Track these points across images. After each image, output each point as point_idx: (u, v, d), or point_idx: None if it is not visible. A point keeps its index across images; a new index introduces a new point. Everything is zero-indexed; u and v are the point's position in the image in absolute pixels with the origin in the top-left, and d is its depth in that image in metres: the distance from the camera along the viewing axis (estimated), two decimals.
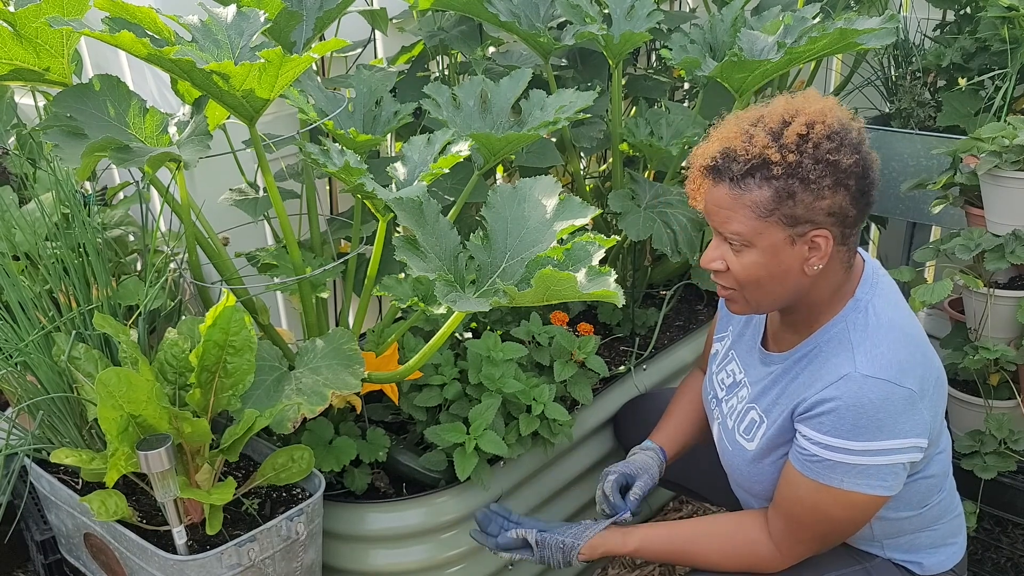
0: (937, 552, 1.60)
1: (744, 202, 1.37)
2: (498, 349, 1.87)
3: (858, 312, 1.45)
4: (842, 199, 1.36)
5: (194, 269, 1.75)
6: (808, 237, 1.38)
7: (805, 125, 1.36)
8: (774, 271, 1.41)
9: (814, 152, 1.34)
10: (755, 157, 1.35)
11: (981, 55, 2.42)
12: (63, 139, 1.48)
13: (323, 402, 1.55)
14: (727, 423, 1.64)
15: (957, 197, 2.16)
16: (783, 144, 1.35)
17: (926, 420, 1.41)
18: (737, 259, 1.42)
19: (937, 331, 2.62)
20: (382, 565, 1.80)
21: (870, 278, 1.49)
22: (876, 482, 1.40)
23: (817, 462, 1.41)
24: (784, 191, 1.35)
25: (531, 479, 1.97)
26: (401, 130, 2.13)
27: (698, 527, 1.66)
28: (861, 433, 1.37)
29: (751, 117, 1.41)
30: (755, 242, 1.39)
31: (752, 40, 2.08)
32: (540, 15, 2.20)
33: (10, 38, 1.46)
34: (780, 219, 1.36)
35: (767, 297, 1.46)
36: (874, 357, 1.39)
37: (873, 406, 1.36)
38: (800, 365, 1.49)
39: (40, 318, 1.59)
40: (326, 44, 1.56)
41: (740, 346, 1.67)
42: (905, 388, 1.38)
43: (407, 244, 1.47)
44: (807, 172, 1.34)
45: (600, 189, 2.63)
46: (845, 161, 1.35)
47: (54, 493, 1.67)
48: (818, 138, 1.35)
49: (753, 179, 1.36)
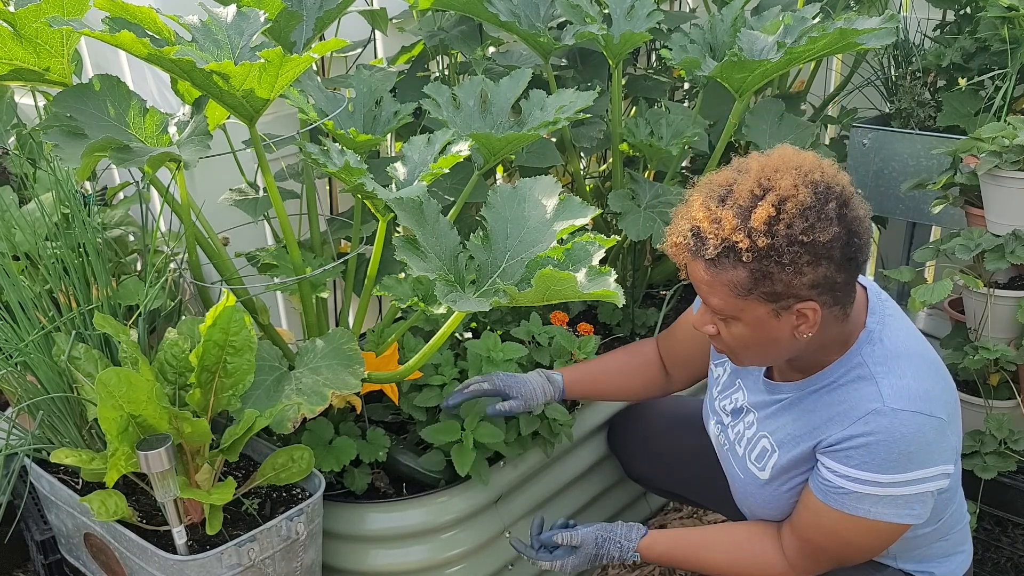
0: (948, 561, 1.59)
1: (721, 280, 1.31)
2: (498, 349, 1.87)
3: (872, 344, 1.41)
4: (825, 270, 1.29)
5: (194, 269, 1.75)
6: (793, 310, 1.32)
7: (774, 205, 1.27)
8: (763, 340, 1.38)
9: (787, 233, 1.26)
10: (724, 241, 1.29)
11: (981, 55, 2.42)
12: (63, 139, 1.48)
13: (323, 402, 1.55)
14: (736, 449, 1.61)
15: (957, 197, 2.16)
16: (752, 228, 1.27)
17: (954, 445, 1.40)
18: (725, 328, 1.39)
19: (937, 331, 2.62)
20: (382, 565, 1.80)
21: (876, 307, 1.45)
22: (904, 511, 1.38)
23: (843, 494, 1.39)
24: (759, 272, 1.28)
25: (531, 479, 1.97)
26: (401, 130, 2.13)
27: (708, 534, 1.65)
28: (892, 467, 1.34)
29: (719, 192, 1.32)
30: (738, 316, 1.35)
31: (752, 40, 2.07)
32: (540, 15, 2.20)
33: (10, 38, 1.46)
34: (760, 296, 1.31)
35: (763, 359, 1.45)
36: (900, 389, 1.36)
37: (905, 440, 1.33)
38: (815, 397, 1.45)
39: (40, 318, 1.59)
40: (326, 44, 1.55)
41: (744, 372, 1.63)
42: (936, 418, 1.35)
43: (407, 244, 1.47)
44: (780, 255, 1.27)
45: (600, 189, 2.63)
46: (822, 238, 1.27)
47: (54, 493, 1.67)
48: (790, 218, 1.26)
49: (727, 259, 1.29)
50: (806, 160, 1.32)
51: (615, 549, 1.62)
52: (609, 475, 2.16)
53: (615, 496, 2.20)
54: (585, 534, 1.63)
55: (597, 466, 2.12)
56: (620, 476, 2.17)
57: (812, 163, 1.32)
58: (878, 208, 2.54)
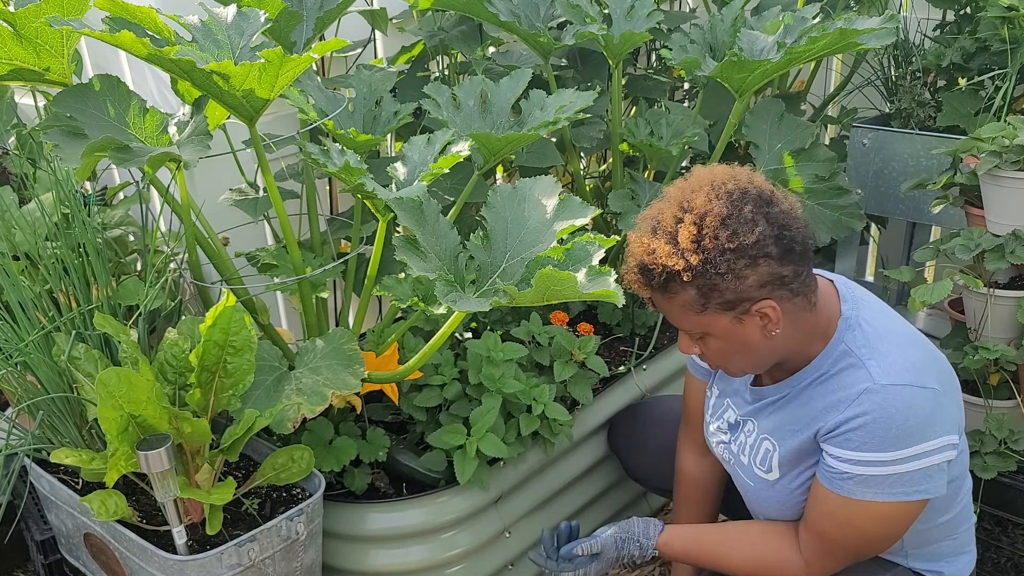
0: (957, 560, 1.59)
1: (677, 304, 1.39)
2: (498, 349, 1.87)
3: (853, 330, 1.44)
4: (766, 268, 1.34)
5: (194, 269, 1.75)
6: (752, 312, 1.37)
7: (695, 223, 1.34)
8: (738, 348, 1.43)
9: (714, 246, 1.33)
10: (664, 268, 1.36)
11: (981, 55, 2.42)
12: (63, 139, 1.48)
13: (323, 402, 1.55)
14: (741, 460, 1.62)
15: (957, 197, 2.16)
16: (682, 249, 1.34)
17: (954, 415, 1.40)
18: (705, 345, 1.45)
19: (937, 331, 2.62)
20: (382, 565, 1.80)
21: (847, 295, 1.48)
22: (911, 488, 1.38)
23: (847, 479, 1.39)
24: (705, 287, 1.35)
25: (531, 479, 1.97)
26: (401, 130, 2.13)
27: (725, 531, 1.66)
28: (892, 443, 1.35)
29: (650, 224, 1.40)
30: (708, 331, 1.41)
31: (752, 40, 2.07)
32: (540, 15, 2.20)
33: (10, 38, 1.46)
34: (716, 308, 1.37)
35: (750, 365, 1.48)
36: (887, 365, 1.38)
37: (901, 414, 1.35)
38: (809, 390, 1.47)
39: (40, 318, 1.59)
40: (326, 44, 1.55)
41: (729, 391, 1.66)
42: (929, 389, 1.37)
43: (407, 244, 1.47)
44: (716, 267, 1.33)
45: (600, 189, 2.63)
46: (748, 239, 1.32)
47: (54, 493, 1.67)
48: (712, 229, 1.33)
49: (675, 283, 1.36)
50: (716, 174, 1.39)
51: (635, 548, 1.64)
52: (609, 475, 2.16)
53: (615, 496, 2.20)
54: (605, 540, 1.63)
55: (597, 466, 2.13)
56: (620, 476, 2.17)
57: (722, 175, 1.39)
58: (878, 208, 2.54)
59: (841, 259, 2.71)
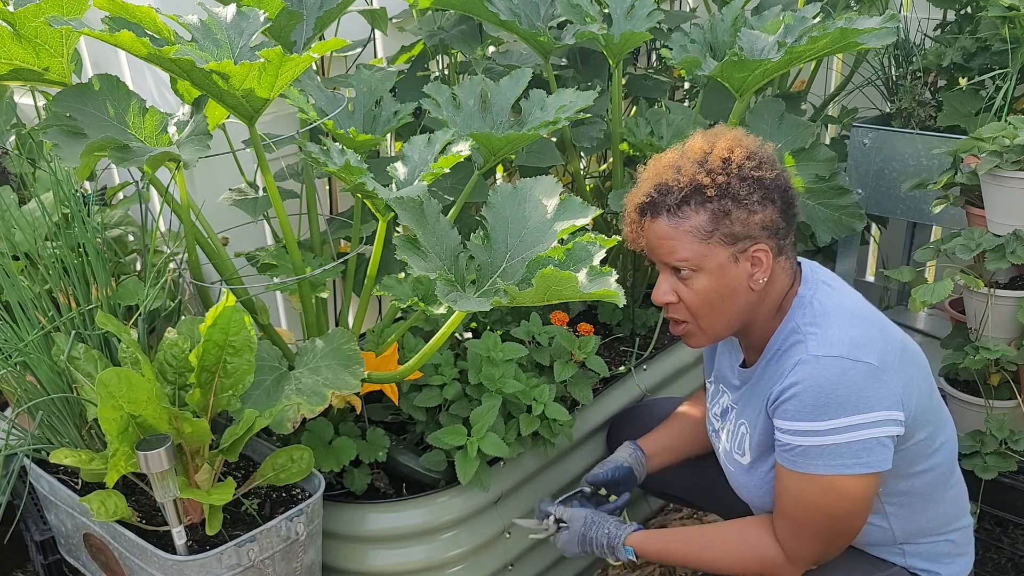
0: (955, 562, 1.59)
1: (684, 228, 1.45)
2: (498, 349, 1.87)
3: (803, 308, 1.50)
4: (772, 213, 1.46)
5: (194, 269, 1.75)
6: (749, 253, 1.46)
7: (726, 150, 1.47)
8: (724, 291, 1.47)
9: (739, 171, 1.45)
10: (687, 185, 1.45)
11: (981, 55, 2.42)
12: (63, 139, 1.47)
13: (323, 402, 1.55)
14: (726, 447, 1.66)
15: (957, 197, 2.16)
16: (710, 169, 1.45)
17: (896, 392, 1.41)
18: (687, 287, 1.49)
19: (937, 331, 2.63)
20: (382, 565, 1.80)
21: (810, 277, 1.54)
22: (852, 460, 1.39)
23: (791, 450, 1.43)
24: (719, 211, 1.43)
25: (531, 479, 1.97)
26: (401, 130, 2.13)
27: (705, 529, 1.67)
28: (824, 412, 1.39)
29: (673, 156, 1.51)
30: (702, 265, 1.46)
31: (752, 40, 2.07)
32: (540, 14, 2.20)
33: (10, 38, 1.45)
34: (721, 239, 1.44)
35: (720, 320, 1.51)
36: (823, 339, 1.43)
37: (831, 384, 1.39)
38: (764, 370, 1.54)
39: (40, 318, 1.59)
40: (326, 44, 1.55)
41: (723, 375, 1.71)
42: (862, 362, 1.39)
43: (407, 244, 1.47)
44: (736, 190, 1.44)
45: (600, 189, 2.63)
46: (768, 176, 1.46)
47: (54, 493, 1.67)
48: (740, 159, 1.46)
49: (689, 206, 1.45)
50: (739, 130, 1.54)
51: (603, 535, 1.67)
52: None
53: None
54: (574, 512, 1.72)
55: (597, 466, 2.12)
56: None
57: (741, 133, 1.53)
58: (878, 208, 2.54)
59: (841, 259, 2.70)
